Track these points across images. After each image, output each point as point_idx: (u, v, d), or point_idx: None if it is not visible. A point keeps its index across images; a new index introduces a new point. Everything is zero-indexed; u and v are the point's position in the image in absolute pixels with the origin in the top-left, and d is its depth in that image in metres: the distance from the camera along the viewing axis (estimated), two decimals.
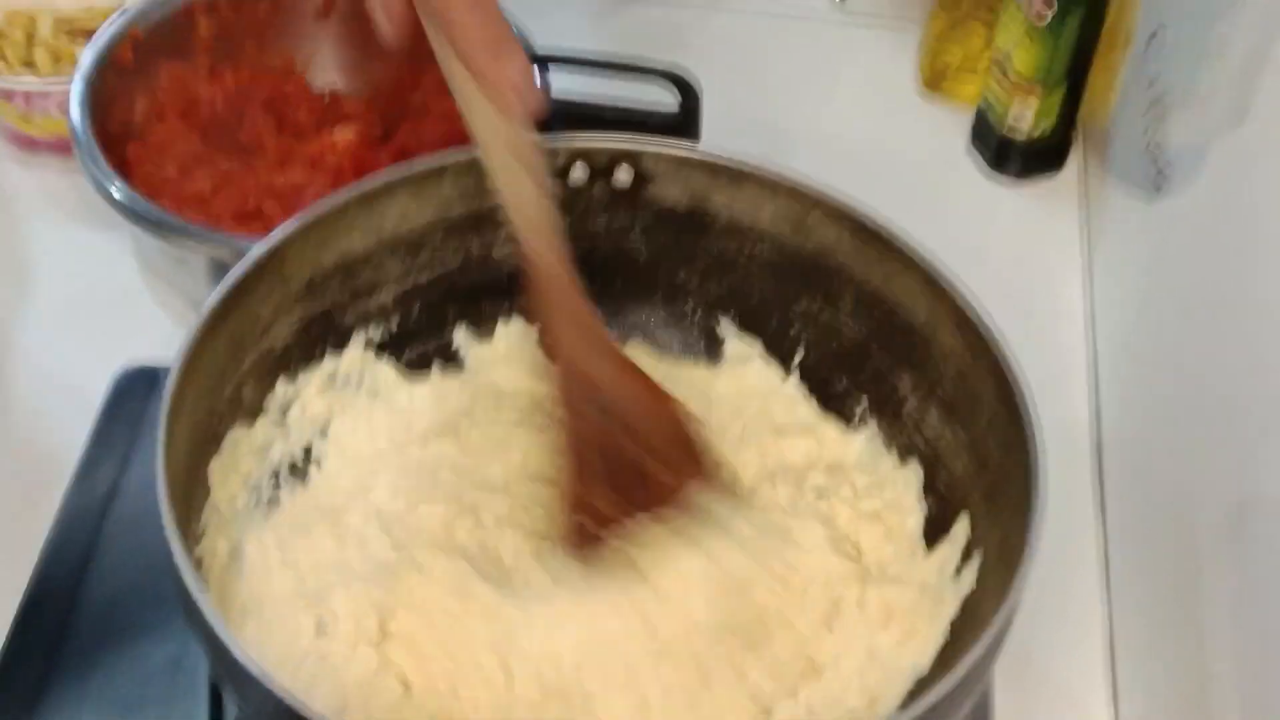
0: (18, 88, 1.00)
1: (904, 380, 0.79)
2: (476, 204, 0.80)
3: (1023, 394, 0.70)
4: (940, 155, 1.11)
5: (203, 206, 0.92)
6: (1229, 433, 0.71)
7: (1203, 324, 0.78)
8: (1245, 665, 0.66)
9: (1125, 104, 0.99)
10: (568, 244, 0.74)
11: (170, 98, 0.98)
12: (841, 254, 0.79)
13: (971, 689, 0.63)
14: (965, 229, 1.03)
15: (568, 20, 1.15)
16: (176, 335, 0.71)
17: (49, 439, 0.90)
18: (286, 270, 0.77)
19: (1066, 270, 1.03)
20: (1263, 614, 0.64)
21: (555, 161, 0.81)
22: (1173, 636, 0.76)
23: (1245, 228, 0.73)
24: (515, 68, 0.72)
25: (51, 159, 1.05)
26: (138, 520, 0.83)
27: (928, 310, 0.76)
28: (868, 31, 1.20)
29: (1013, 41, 1.02)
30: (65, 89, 0.98)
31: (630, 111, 0.85)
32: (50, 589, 0.81)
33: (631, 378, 0.74)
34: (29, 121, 1.02)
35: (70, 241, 1.01)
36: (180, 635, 0.78)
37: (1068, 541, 0.87)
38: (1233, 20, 0.77)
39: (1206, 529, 0.72)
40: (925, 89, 1.14)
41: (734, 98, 0.92)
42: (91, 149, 0.91)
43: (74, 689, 0.77)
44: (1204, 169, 0.80)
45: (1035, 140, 1.06)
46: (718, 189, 0.81)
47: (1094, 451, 0.92)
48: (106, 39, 0.97)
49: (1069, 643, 0.84)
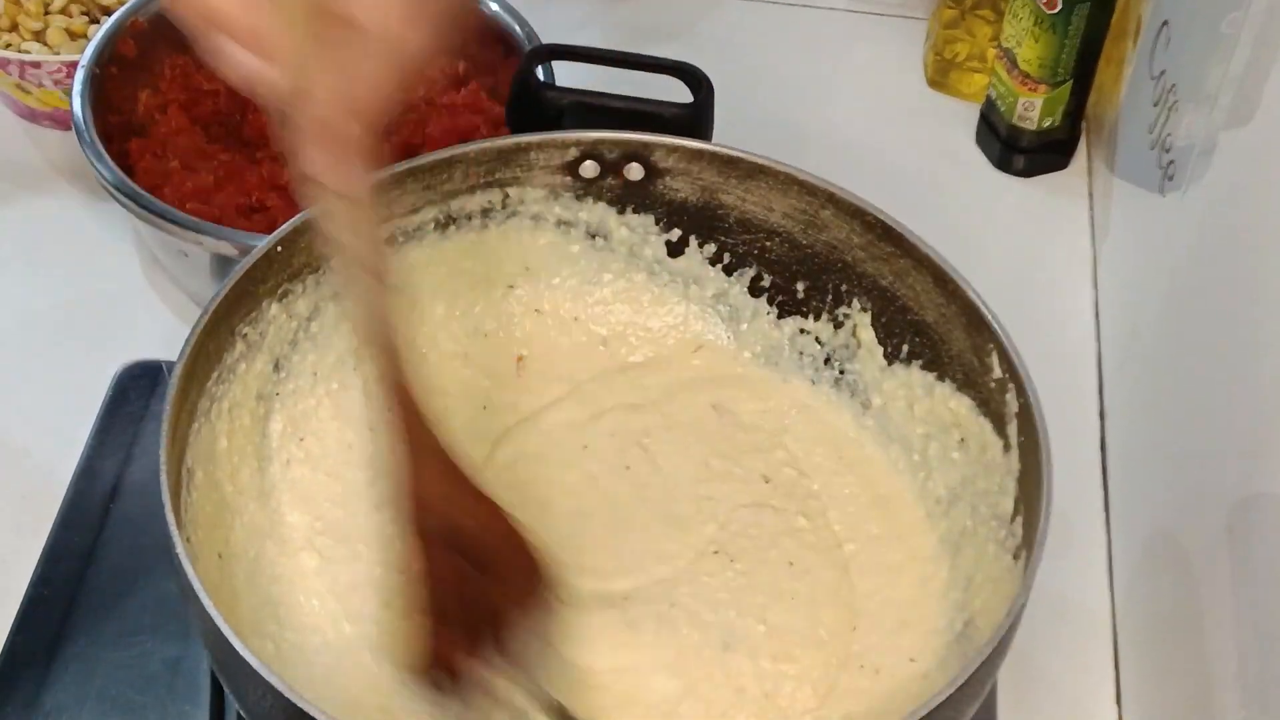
0: (13, 58, 1.00)
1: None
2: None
3: (1031, 396, 0.70)
4: (947, 149, 1.10)
5: (205, 201, 0.91)
6: (1235, 430, 0.71)
7: (1209, 320, 0.77)
8: (1249, 666, 0.65)
9: (1133, 98, 0.99)
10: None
11: (173, 90, 0.98)
12: (852, 251, 0.79)
13: (977, 691, 0.63)
14: (971, 224, 1.03)
15: (568, 13, 1.15)
16: (179, 331, 0.71)
17: (51, 436, 0.89)
18: (293, 265, 0.76)
19: (1073, 265, 1.03)
20: (1267, 614, 0.64)
21: (566, 156, 0.81)
22: (1177, 637, 0.75)
23: (1253, 223, 0.72)
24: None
25: (52, 133, 1.05)
26: (140, 518, 0.83)
27: (938, 310, 0.76)
28: (874, 24, 1.19)
29: (1020, 35, 1.02)
30: (59, 62, 0.98)
31: (640, 105, 0.84)
32: (51, 589, 0.81)
33: (488, 511, 0.67)
34: (26, 93, 1.02)
35: (71, 236, 1.01)
36: (181, 635, 0.78)
37: (1073, 542, 0.87)
38: (1240, 14, 0.76)
39: (1212, 528, 0.71)
40: (931, 83, 1.14)
41: (738, 91, 0.91)
42: (94, 142, 0.90)
43: (74, 689, 0.77)
44: (1212, 164, 0.80)
45: (1042, 134, 1.06)
46: (729, 184, 0.81)
47: (1099, 449, 0.92)
48: (108, 30, 0.96)
49: (1074, 644, 0.84)
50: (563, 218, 0.83)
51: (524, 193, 0.82)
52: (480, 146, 0.80)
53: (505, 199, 0.82)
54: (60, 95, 1.01)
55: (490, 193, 0.81)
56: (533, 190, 0.82)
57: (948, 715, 0.61)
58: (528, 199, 0.82)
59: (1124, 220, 0.99)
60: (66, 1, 1.04)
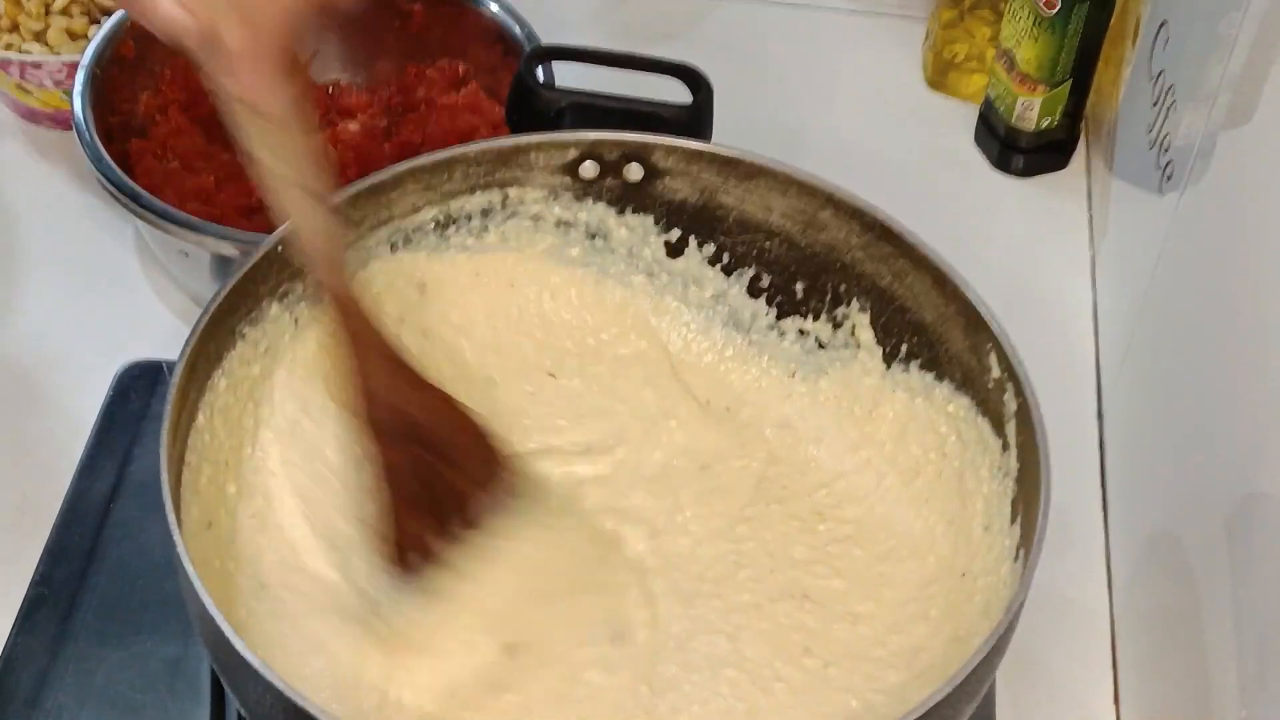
0: (13, 58, 1.00)
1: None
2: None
3: (1029, 396, 0.70)
4: (945, 150, 1.10)
5: (206, 201, 0.92)
6: (1234, 430, 0.71)
7: (1208, 320, 0.77)
8: (1247, 665, 0.65)
9: (1131, 99, 0.99)
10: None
11: (173, 91, 0.98)
12: (851, 252, 0.79)
13: (975, 691, 0.63)
14: (970, 224, 1.03)
15: (568, 14, 1.15)
16: (180, 331, 0.71)
17: (51, 435, 0.89)
18: (294, 264, 0.76)
19: (1072, 266, 1.03)
20: (1266, 614, 0.64)
21: (566, 156, 0.81)
22: (1176, 637, 0.76)
23: (1252, 224, 0.72)
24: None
25: (52, 133, 1.05)
26: (140, 518, 0.83)
27: (937, 310, 0.76)
28: (873, 24, 1.19)
29: (1018, 36, 1.02)
30: (59, 63, 0.98)
31: (640, 106, 0.84)
32: (51, 588, 0.81)
33: (437, 400, 0.72)
34: (27, 93, 1.02)
35: (72, 236, 1.01)
36: (181, 635, 0.79)
37: (1072, 541, 0.87)
38: (1239, 15, 0.76)
39: (1211, 528, 0.71)
40: (930, 83, 1.14)
41: (737, 91, 0.91)
42: (94, 142, 0.90)
43: (74, 689, 0.77)
44: (1210, 164, 0.80)
45: (1041, 135, 1.06)
46: (729, 185, 0.81)
47: (1098, 449, 0.92)
48: (109, 31, 0.96)
49: (1072, 644, 0.84)
50: (562, 218, 0.83)
51: (523, 193, 0.82)
52: (480, 147, 0.80)
53: (505, 199, 0.82)
54: (61, 96, 1.01)
55: (490, 193, 0.81)
56: (532, 191, 0.82)
57: (946, 714, 0.61)
58: (527, 199, 0.82)
59: (1122, 220, 0.99)
60: (67, 2, 1.04)
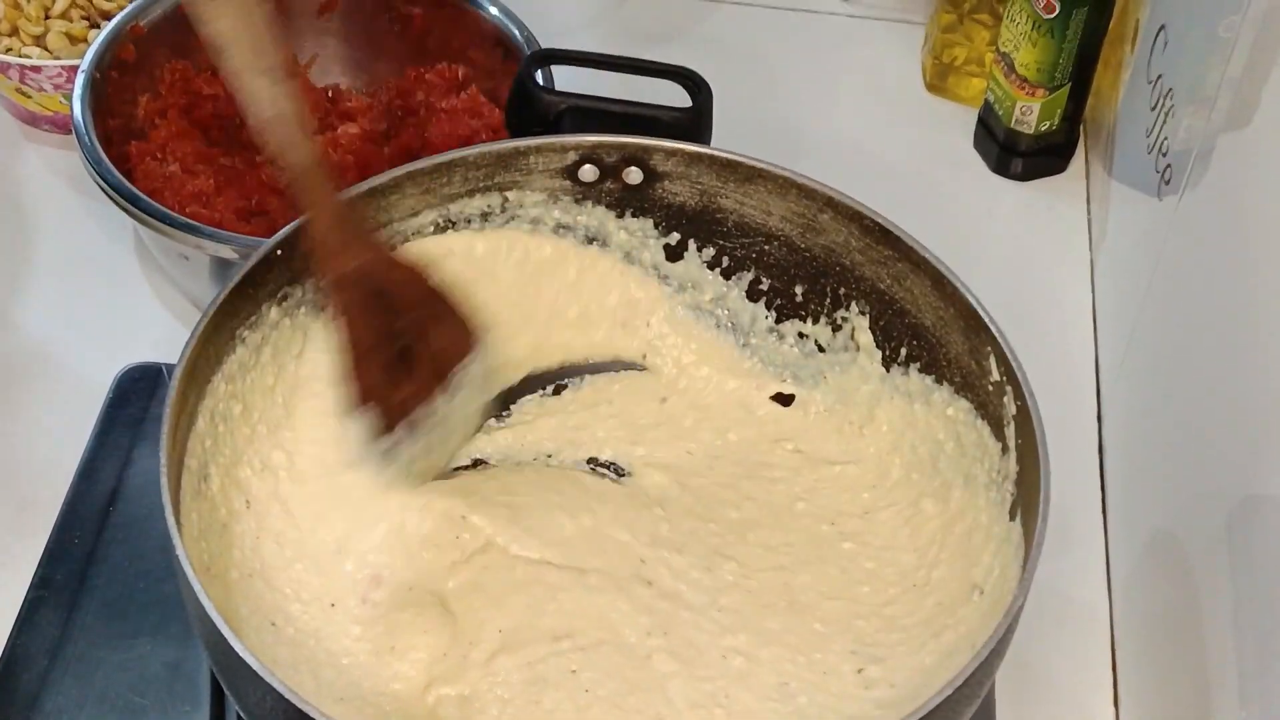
0: (13, 62, 1.00)
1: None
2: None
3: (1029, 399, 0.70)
4: (945, 153, 1.10)
5: (205, 204, 0.92)
6: (1232, 432, 0.71)
7: (1206, 323, 0.77)
8: (1247, 666, 0.65)
9: (1130, 102, 0.99)
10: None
11: (173, 95, 0.98)
12: (851, 255, 0.79)
13: (975, 692, 0.63)
14: (969, 227, 1.03)
15: (567, 18, 1.15)
16: (179, 334, 0.71)
17: (51, 438, 0.89)
18: (293, 268, 0.76)
19: (1071, 268, 1.03)
20: (1266, 614, 0.64)
21: (565, 160, 0.81)
22: (1175, 638, 0.76)
23: (1250, 227, 0.72)
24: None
25: (52, 137, 1.05)
26: (140, 520, 0.83)
27: (936, 313, 0.76)
28: (872, 28, 1.19)
29: (1017, 39, 1.02)
30: (59, 67, 0.98)
31: (639, 109, 0.85)
32: (51, 590, 0.81)
33: (396, 261, 0.76)
34: (27, 97, 1.02)
35: (71, 240, 1.01)
36: (181, 637, 0.79)
37: (1071, 543, 0.87)
38: (1238, 18, 0.76)
39: (1211, 528, 0.71)
40: (929, 87, 1.14)
41: (736, 95, 0.91)
42: (94, 146, 0.90)
43: (74, 690, 0.77)
44: (1209, 168, 0.80)
45: (1040, 138, 1.06)
46: (728, 188, 0.81)
47: (1097, 451, 0.92)
48: (108, 35, 0.96)
49: (1072, 645, 0.84)
50: (561, 221, 0.83)
51: (523, 196, 0.82)
52: (479, 150, 0.80)
53: (504, 202, 0.82)
54: (60, 99, 1.01)
55: (489, 196, 0.81)
56: (532, 194, 0.82)
57: (946, 716, 0.61)
58: (526, 203, 0.82)
59: (1121, 223, 0.99)
60: (67, 6, 1.04)
